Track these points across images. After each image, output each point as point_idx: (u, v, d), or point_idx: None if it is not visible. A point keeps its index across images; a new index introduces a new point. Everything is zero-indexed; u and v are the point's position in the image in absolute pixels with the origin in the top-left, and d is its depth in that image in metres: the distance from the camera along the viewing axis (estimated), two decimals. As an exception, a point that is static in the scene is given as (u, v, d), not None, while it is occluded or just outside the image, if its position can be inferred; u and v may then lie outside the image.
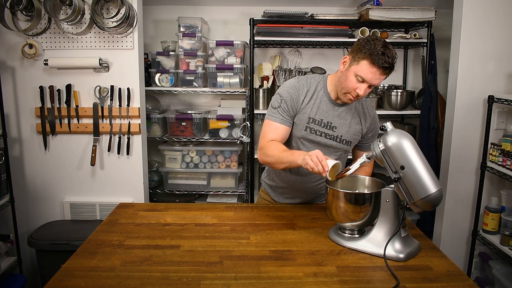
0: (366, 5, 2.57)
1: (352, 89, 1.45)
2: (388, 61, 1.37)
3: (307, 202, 1.75)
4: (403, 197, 1.22)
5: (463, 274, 1.17)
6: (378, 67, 1.38)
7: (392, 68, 1.41)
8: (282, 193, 1.76)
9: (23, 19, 2.23)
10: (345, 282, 1.12)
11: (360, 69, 1.41)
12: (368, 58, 1.39)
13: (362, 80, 1.43)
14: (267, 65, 2.84)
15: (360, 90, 1.44)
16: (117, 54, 2.33)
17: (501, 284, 2.15)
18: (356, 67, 1.42)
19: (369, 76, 1.41)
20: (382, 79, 1.43)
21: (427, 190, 1.17)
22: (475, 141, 2.39)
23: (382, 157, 1.25)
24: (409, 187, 1.20)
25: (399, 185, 1.22)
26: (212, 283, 1.11)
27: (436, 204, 1.19)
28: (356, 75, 1.43)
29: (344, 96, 1.50)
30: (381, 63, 1.37)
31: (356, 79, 1.44)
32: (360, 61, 1.41)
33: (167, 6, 2.94)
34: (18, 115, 2.38)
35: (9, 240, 2.27)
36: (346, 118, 1.59)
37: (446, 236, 2.50)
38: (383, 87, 2.94)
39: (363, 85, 1.44)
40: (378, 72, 1.40)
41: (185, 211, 1.64)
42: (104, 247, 1.31)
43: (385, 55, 1.37)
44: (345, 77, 1.47)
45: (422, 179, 1.18)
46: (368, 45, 1.39)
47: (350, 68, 1.45)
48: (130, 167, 2.44)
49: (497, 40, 2.29)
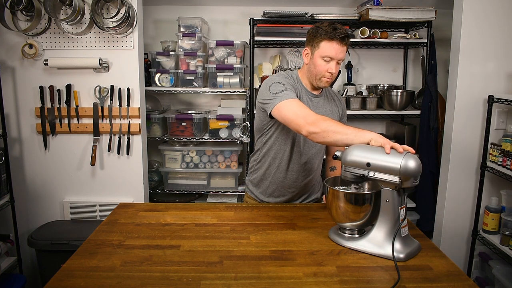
0: (366, 5, 2.57)
1: (324, 71, 1.57)
2: (341, 31, 1.52)
3: (292, 200, 1.77)
4: (392, 185, 1.23)
5: (463, 274, 1.17)
6: (337, 40, 1.52)
7: (349, 36, 1.55)
8: (268, 191, 1.76)
9: (23, 19, 2.23)
10: (345, 282, 1.12)
11: (323, 50, 1.54)
12: (325, 38, 1.53)
13: (329, 59, 1.55)
14: (267, 65, 2.84)
15: (331, 68, 1.56)
16: (117, 54, 2.33)
17: (501, 284, 2.15)
18: (319, 50, 1.55)
19: (333, 52, 1.53)
20: (345, 51, 1.56)
21: (396, 163, 1.21)
22: (475, 141, 2.39)
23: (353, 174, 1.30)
24: (385, 172, 1.23)
25: (377, 178, 1.25)
26: (212, 283, 1.11)
27: (415, 170, 1.20)
28: (322, 58, 1.55)
29: (320, 81, 1.60)
30: (337, 35, 1.51)
31: (323, 61, 1.55)
32: (319, 44, 1.55)
33: (167, 6, 2.94)
34: (18, 115, 2.38)
35: (9, 240, 2.27)
36: (324, 107, 1.69)
37: (446, 236, 2.50)
38: (383, 87, 2.94)
39: (332, 63, 1.55)
40: (338, 45, 1.53)
41: (185, 211, 1.64)
42: (104, 247, 1.31)
43: (336, 29, 1.52)
44: (314, 65, 1.58)
45: (387, 159, 1.22)
46: (319, 30, 1.55)
47: (314, 55, 1.57)
48: (130, 167, 2.44)
49: (497, 40, 2.29)
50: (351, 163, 1.29)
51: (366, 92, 2.94)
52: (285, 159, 1.68)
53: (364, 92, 2.94)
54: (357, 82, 3.04)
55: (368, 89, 2.97)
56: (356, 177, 1.31)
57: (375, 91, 2.91)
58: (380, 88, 2.93)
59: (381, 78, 3.07)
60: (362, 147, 1.29)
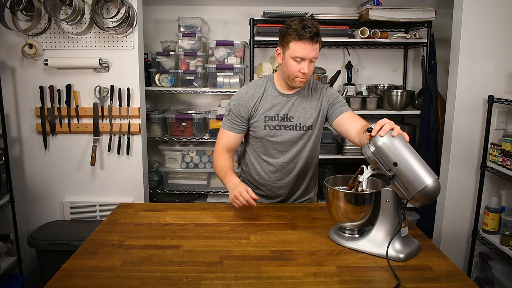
0: (366, 5, 2.57)
1: (296, 71, 1.52)
2: (311, 30, 1.46)
3: (283, 201, 1.78)
4: (401, 193, 1.22)
5: (463, 274, 1.17)
6: (306, 40, 1.46)
7: (318, 33, 1.48)
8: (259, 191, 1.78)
9: (23, 19, 2.23)
10: (345, 282, 1.12)
11: (293, 50, 1.49)
12: (293, 38, 1.47)
13: (300, 59, 1.50)
14: (267, 65, 2.84)
15: (304, 68, 1.51)
16: (117, 54, 2.33)
17: (501, 284, 2.15)
18: (289, 51, 1.50)
19: (303, 52, 1.48)
20: (317, 49, 1.51)
21: (422, 182, 1.17)
22: (475, 141, 2.38)
23: (374, 159, 1.26)
24: (405, 182, 1.20)
25: (396, 182, 1.22)
26: (212, 283, 1.11)
27: (434, 195, 1.19)
28: (293, 58, 1.50)
29: (293, 81, 1.57)
30: (306, 34, 1.45)
31: (295, 62, 1.51)
32: (289, 44, 1.50)
33: (167, 6, 2.94)
34: (18, 115, 2.38)
35: (9, 240, 2.27)
36: (300, 105, 1.65)
37: (446, 236, 2.50)
38: (383, 87, 2.94)
39: (303, 63, 1.51)
40: (308, 45, 1.47)
41: (185, 211, 1.64)
42: (104, 247, 1.31)
43: (305, 27, 1.45)
44: (286, 65, 1.54)
45: (416, 172, 1.18)
46: (288, 29, 1.49)
47: (285, 56, 1.53)
48: (130, 167, 2.44)
49: (497, 40, 2.29)
50: (380, 150, 1.23)
51: (366, 92, 2.94)
52: (259, 165, 1.73)
53: (364, 92, 2.94)
54: (357, 82, 3.04)
55: (368, 89, 2.97)
56: (372, 165, 1.29)
57: (375, 91, 2.91)
58: (380, 88, 2.92)
59: (381, 78, 3.07)
60: (405, 143, 1.23)
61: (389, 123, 1.23)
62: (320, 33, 1.51)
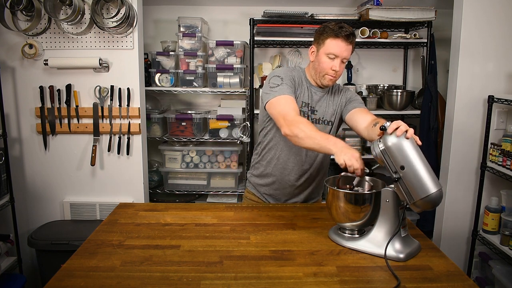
0: (366, 5, 2.57)
1: (328, 68, 1.58)
2: (347, 30, 1.54)
3: (289, 200, 1.77)
4: (403, 197, 1.22)
5: (463, 274, 1.17)
6: (342, 37, 1.53)
7: (354, 35, 1.57)
8: (269, 185, 1.76)
9: (23, 19, 2.23)
10: (345, 282, 1.12)
11: (328, 47, 1.55)
12: (330, 35, 1.55)
13: (333, 56, 1.56)
14: (267, 65, 2.84)
15: (335, 66, 1.56)
16: (117, 54, 2.33)
17: (501, 284, 2.15)
18: (324, 48, 1.57)
19: (338, 50, 1.54)
20: (350, 50, 1.57)
21: (427, 190, 1.17)
22: (475, 141, 2.39)
23: (382, 157, 1.25)
24: (409, 187, 1.20)
25: (399, 185, 1.22)
26: (212, 283, 1.11)
27: (436, 204, 1.19)
28: (327, 55, 1.56)
29: (324, 78, 1.61)
30: (343, 33, 1.53)
31: (328, 59, 1.57)
32: (325, 41, 1.56)
33: (167, 6, 2.94)
34: (18, 115, 2.38)
35: (9, 240, 2.27)
36: (323, 101, 1.69)
37: (446, 236, 2.50)
38: (383, 87, 2.94)
39: (336, 61, 1.56)
40: (343, 43, 1.54)
41: (185, 211, 1.64)
42: (104, 247, 1.31)
43: (342, 27, 1.54)
44: (318, 62, 1.59)
45: (422, 179, 1.18)
46: (326, 28, 1.57)
47: (319, 52, 1.59)
48: (130, 167, 2.44)
49: (497, 40, 2.29)
50: (390, 150, 1.22)
51: (366, 92, 2.94)
52: (284, 154, 1.69)
53: (364, 92, 2.94)
54: (357, 82, 3.04)
55: (368, 89, 2.97)
56: (377, 163, 1.28)
57: (375, 91, 2.91)
58: (380, 88, 2.92)
59: (381, 78, 3.07)
60: (415, 147, 1.22)
61: (404, 125, 1.23)
62: (355, 36, 1.56)
